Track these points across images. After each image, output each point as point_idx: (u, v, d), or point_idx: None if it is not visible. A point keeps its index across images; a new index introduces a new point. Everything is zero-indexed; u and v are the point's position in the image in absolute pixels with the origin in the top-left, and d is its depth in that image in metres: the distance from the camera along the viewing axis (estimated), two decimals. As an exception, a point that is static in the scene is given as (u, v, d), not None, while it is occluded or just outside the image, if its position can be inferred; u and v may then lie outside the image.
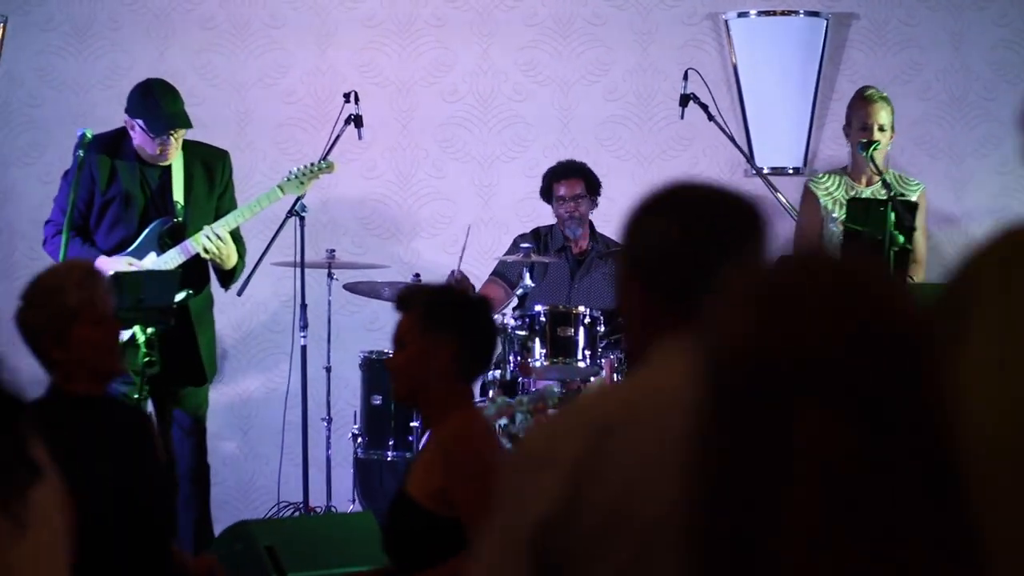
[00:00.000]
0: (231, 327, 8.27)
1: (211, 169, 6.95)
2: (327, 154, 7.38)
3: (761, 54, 8.49)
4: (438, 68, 8.58)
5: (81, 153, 6.72)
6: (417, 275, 7.42)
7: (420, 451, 4.89)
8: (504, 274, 7.81)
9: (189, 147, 6.94)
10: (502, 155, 8.58)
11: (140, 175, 6.86)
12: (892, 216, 5.93)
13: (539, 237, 7.86)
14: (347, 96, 7.53)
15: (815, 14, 8.51)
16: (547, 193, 7.86)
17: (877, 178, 7.05)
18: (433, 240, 8.54)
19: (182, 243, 6.77)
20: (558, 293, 7.64)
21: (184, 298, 6.54)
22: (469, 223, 8.45)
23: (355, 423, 7.50)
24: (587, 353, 6.98)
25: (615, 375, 6.83)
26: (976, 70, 8.58)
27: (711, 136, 8.39)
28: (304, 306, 7.33)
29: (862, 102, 7.07)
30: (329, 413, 7.56)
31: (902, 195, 6.91)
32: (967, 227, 8.53)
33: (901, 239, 5.87)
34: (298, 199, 7.20)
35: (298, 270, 7.35)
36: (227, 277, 6.93)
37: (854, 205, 6.30)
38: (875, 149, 6.79)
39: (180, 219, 6.81)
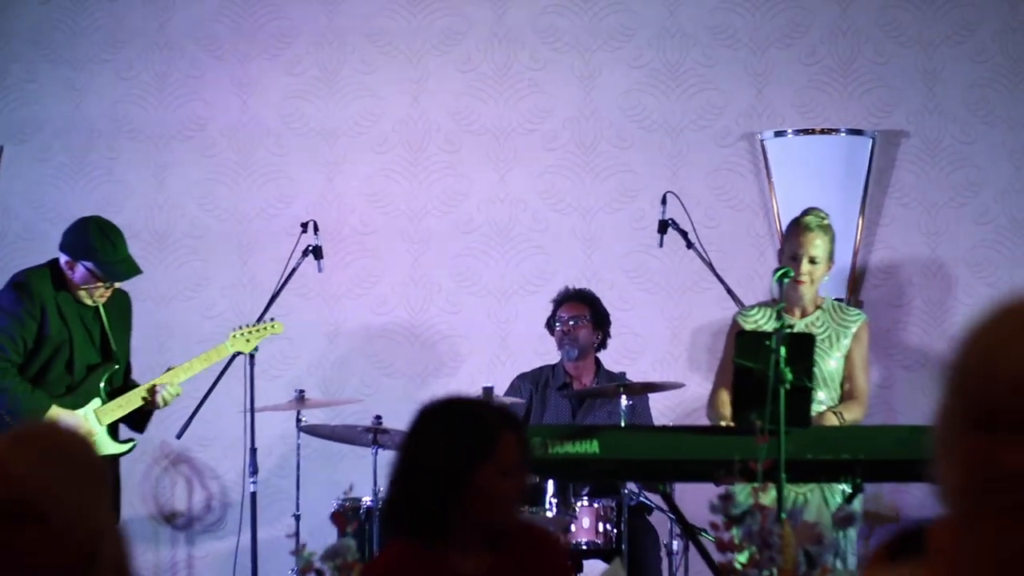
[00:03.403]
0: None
1: (124, 310, 6.69)
2: (283, 285, 6.99)
3: (800, 176, 7.82)
4: (452, 196, 8.02)
5: (28, 284, 6.38)
6: (378, 417, 6.74)
7: None
8: None
9: None
10: (521, 288, 7.96)
11: (79, 315, 6.50)
12: (782, 351, 5.14)
13: (540, 375, 7.24)
14: (304, 226, 7.06)
15: (858, 132, 7.83)
16: (552, 320, 7.27)
17: (813, 309, 6.37)
18: (450, 379, 7.91)
19: (126, 395, 6.52)
20: (558, 434, 6.96)
21: (129, 449, 6.57)
22: (485, 362, 7.88)
23: None
24: (554, 501, 6.31)
25: (602, 524, 6.15)
26: (1040, 191, 7.85)
27: (748, 266, 7.76)
28: (254, 450, 6.75)
29: (795, 229, 6.40)
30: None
31: (840, 327, 6.29)
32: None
33: (791, 376, 5.08)
34: None
35: (248, 413, 6.81)
36: (146, 420, 6.67)
37: (742, 339, 5.50)
38: (784, 275, 6.01)
39: (119, 365, 6.58)
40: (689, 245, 6.85)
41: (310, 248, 7.05)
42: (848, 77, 7.92)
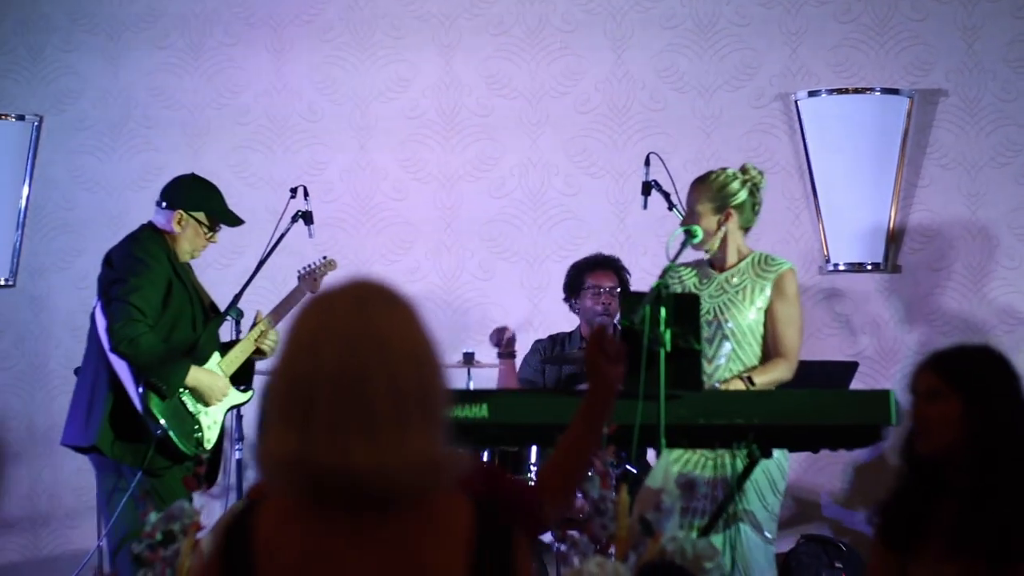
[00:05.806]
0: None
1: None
2: (271, 251, 6.83)
3: (835, 136, 7.66)
4: (484, 161, 7.96)
5: (149, 248, 6.23)
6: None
7: None
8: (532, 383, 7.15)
9: None
10: (553, 254, 7.89)
11: (187, 273, 6.39)
12: (662, 311, 4.87)
13: (555, 343, 7.17)
14: (293, 191, 6.92)
15: (894, 91, 7.65)
16: (573, 287, 7.15)
17: (736, 261, 5.97)
18: (480, 346, 7.85)
19: (238, 345, 6.45)
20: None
21: (250, 397, 6.44)
22: (517, 327, 7.81)
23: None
24: (535, 468, 6.23)
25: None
26: (1084, 150, 7.63)
27: (783, 228, 7.63)
28: (239, 417, 6.73)
29: (692, 184, 6.12)
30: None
31: (760, 278, 5.90)
32: (1073, 326, 7.56)
33: (672, 337, 4.79)
34: (233, 302, 6.61)
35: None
36: (251, 373, 6.54)
37: (627, 300, 5.22)
38: (688, 233, 5.77)
39: (222, 314, 6.48)
40: (671, 207, 6.71)
41: (299, 213, 6.93)
42: (885, 35, 7.74)
